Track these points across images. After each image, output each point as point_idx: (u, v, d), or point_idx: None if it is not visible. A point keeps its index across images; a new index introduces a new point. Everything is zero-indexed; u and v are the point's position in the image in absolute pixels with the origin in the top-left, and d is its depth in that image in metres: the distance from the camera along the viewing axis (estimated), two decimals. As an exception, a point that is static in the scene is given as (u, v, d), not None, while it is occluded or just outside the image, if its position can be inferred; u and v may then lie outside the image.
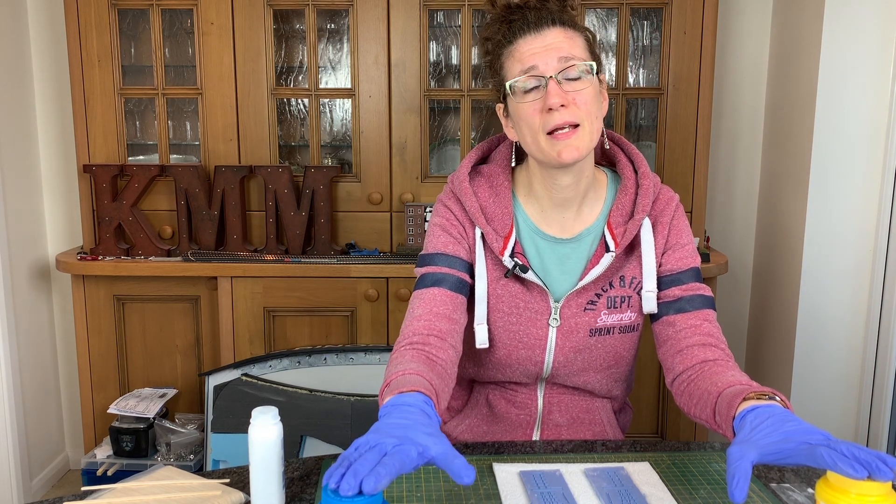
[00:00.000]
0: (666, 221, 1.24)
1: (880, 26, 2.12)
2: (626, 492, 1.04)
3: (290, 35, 2.55)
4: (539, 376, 1.28)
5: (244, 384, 2.24)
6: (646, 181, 1.23)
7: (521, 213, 1.26)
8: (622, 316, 1.24)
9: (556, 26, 1.15)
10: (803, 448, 0.84)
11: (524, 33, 1.15)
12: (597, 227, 1.24)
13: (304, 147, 2.58)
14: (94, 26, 2.38)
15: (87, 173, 2.42)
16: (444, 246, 1.24)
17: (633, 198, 1.23)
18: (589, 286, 1.22)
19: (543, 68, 1.12)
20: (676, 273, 1.23)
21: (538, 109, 1.13)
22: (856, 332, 2.26)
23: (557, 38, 1.14)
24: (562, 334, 1.24)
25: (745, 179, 2.71)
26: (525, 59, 1.14)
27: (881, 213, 2.18)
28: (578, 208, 1.24)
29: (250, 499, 0.98)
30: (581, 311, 1.23)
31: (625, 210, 1.23)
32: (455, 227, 1.25)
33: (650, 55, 2.52)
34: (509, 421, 1.31)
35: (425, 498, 1.03)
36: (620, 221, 1.22)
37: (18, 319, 2.54)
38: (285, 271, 2.34)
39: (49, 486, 2.74)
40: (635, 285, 1.24)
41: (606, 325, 1.24)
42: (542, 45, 1.13)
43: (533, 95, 1.14)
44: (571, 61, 1.13)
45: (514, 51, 1.16)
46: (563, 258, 1.24)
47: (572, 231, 1.24)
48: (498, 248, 1.21)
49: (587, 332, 1.23)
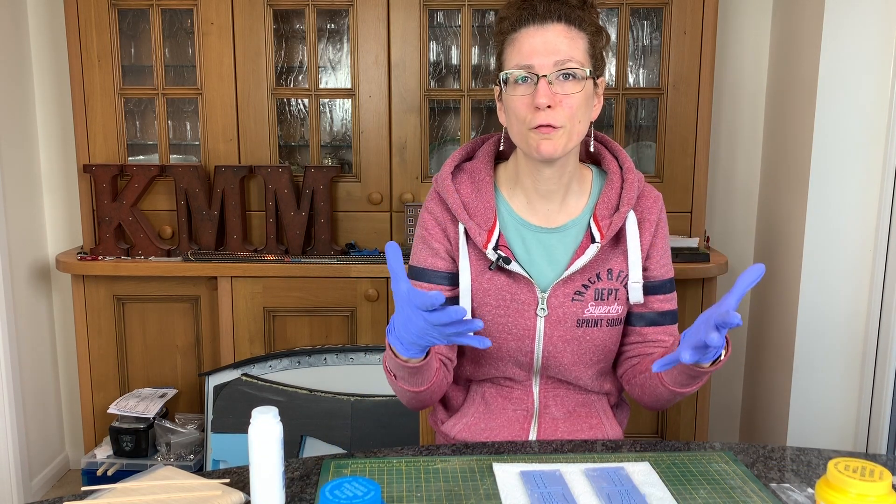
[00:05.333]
0: (653, 220, 1.28)
1: (880, 26, 2.12)
2: (626, 492, 1.04)
3: (290, 35, 2.55)
4: (532, 368, 1.29)
5: (244, 384, 2.24)
6: (630, 175, 1.27)
7: (505, 206, 1.28)
8: (609, 308, 1.27)
9: (561, 23, 1.16)
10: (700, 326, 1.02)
11: (528, 24, 1.17)
12: (582, 220, 1.27)
13: (304, 147, 2.58)
14: (94, 26, 2.38)
15: (87, 173, 2.42)
16: (424, 260, 1.29)
17: (618, 192, 1.27)
18: (575, 277, 1.25)
19: (538, 67, 1.15)
20: (661, 280, 1.30)
21: (527, 104, 1.16)
22: (856, 332, 2.26)
23: (559, 37, 1.16)
24: (550, 324, 1.26)
25: (745, 179, 2.71)
26: (523, 54, 1.16)
27: (881, 213, 2.18)
28: (563, 200, 1.27)
29: (250, 499, 0.98)
30: (568, 301, 1.25)
31: (610, 203, 1.26)
32: (435, 237, 1.28)
33: (650, 55, 2.52)
34: (506, 416, 1.32)
35: (425, 498, 1.03)
36: (606, 214, 1.26)
37: (18, 319, 2.54)
38: (285, 271, 2.34)
39: (49, 486, 2.74)
40: (622, 278, 1.27)
41: (594, 316, 1.26)
42: (543, 42, 1.15)
43: (524, 90, 1.16)
44: (567, 64, 1.15)
45: (515, 40, 1.18)
46: (549, 249, 1.27)
47: (557, 222, 1.27)
48: (481, 242, 1.23)
49: (574, 322, 1.26)
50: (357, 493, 0.83)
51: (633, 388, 1.31)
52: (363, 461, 1.14)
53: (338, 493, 0.84)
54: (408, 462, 1.14)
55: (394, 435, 2.19)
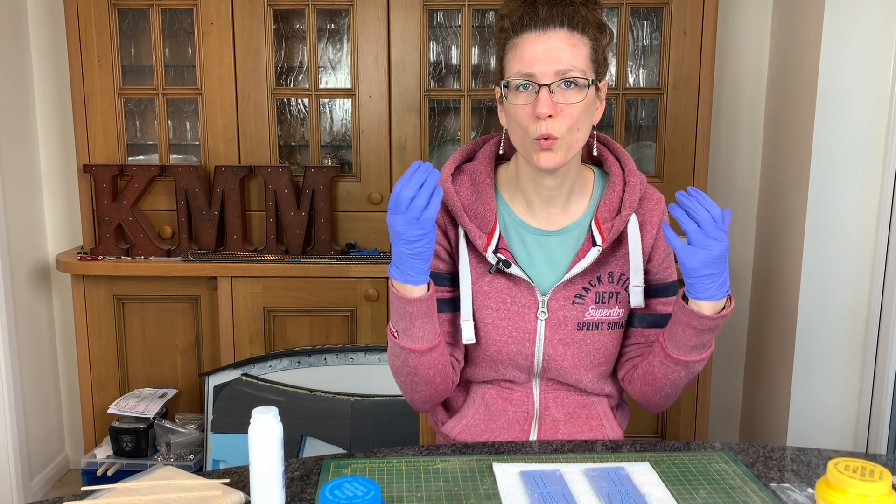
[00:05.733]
0: (655, 223, 1.27)
1: (880, 26, 2.12)
2: (626, 492, 1.04)
3: (290, 35, 2.55)
4: (532, 371, 1.29)
5: (244, 384, 2.24)
6: (632, 178, 1.26)
7: (506, 209, 1.28)
8: (610, 312, 1.26)
9: (563, 28, 1.14)
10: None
11: (530, 29, 1.15)
12: (583, 222, 1.27)
13: (304, 147, 2.58)
14: (94, 26, 2.38)
15: (87, 173, 2.42)
16: None
17: (620, 194, 1.26)
18: (576, 280, 1.24)
19: (540, 76, 1.13)
20: (664, 283, 1.29)
21: (528, 113, 1.15)
22: (856, 332, 2.26)
23: (561, 44, 1.14)
24: (550, 327, 1.25)
25: (745, 179, 2.71)
26: (525, 62, 1.14)
27: (881, 213, 2.18)
28: (564, 204, 1.26)
29: (250, 499, 0.98)
30: (569, 304, 1.25)
31: (612, 206, 1.25)
32: (436, 239, 1.26)
33: (650, 55, 2.52)
34: (507, 418, 1.32)
35: (425, 498, 1.03)
36: (608, 217, 1.25)
37: (18, 319, 2.54)
38: (285, 271, 2.34)
39: (49, 486, 2.74)
40: (623, 281, 1.27)
41: (594, 319, 1.26)
42: (544, 49, 1.14)
43: (525, 98, 1.15)
44: (569, 73, 1.13)
45: (517, 45, 1.16)
46: (549, 251, 1.26)
47: (558, 224, 1.27)
48: (481, 245, 1.22)
49: (575, 325, 1.25)
50: (357, 493, 0.83)
51: (636, 385, 1.30)
52: (363, 461, 1.14)
53: (338, 493, 0.84)
54: (408, 462, 1.14)
55: (394, 435, 2.19)
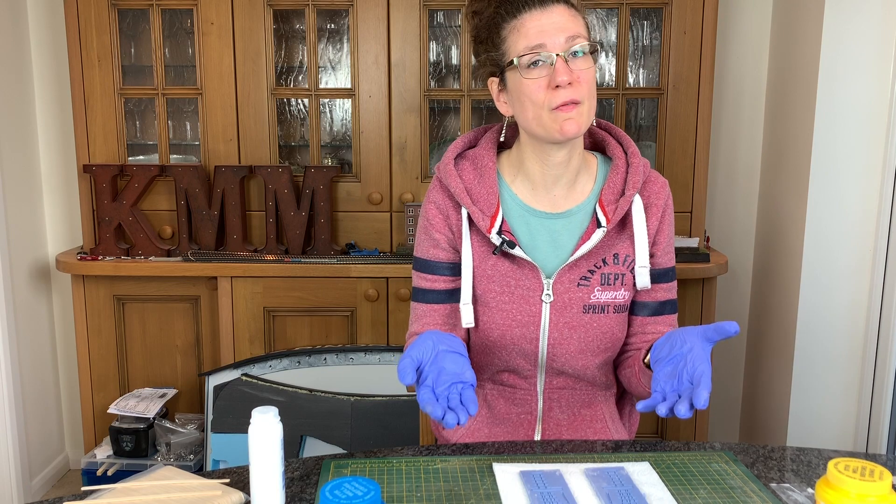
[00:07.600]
0: (660, 206, 1.27)
1: (880, 25, 2.12)
2: (626, 492, 1.04)
3: (290, 35, 2.55)
4: (537, 360, 1.28)
5: (244, 384, 2.24)
6: (635, 160, 1.26)
7: (509, 193, 1.27)
8: (616, 294, 1.26)
9: (561, 4, 1.17)
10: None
11: (530, 8, 1.16)
12: (587, 205, 1.27)
13: (304, 147, 2.58)
14: (94, 26, 2.38)
15: (87, 173, 2.42)
16: (427, 251, 1.29)
17: (623, 177, 1.26)
18: (581, 262, 1.24)
19: (551, 46, 1.14)
20: (664, 268, 1.29)
21: (543, 86, 1.15)
22: (856, 332, 2.26)
23: (563, 17, 1.16)
24: (555, 310, 1.25)
25: (745, 179, 2.71)
26: (532, 36, 1.15)
27: (881, 213, 2.18)
28: (570, 185, 1.26)
29: (250, 499, 0.98)
30: (574, 287, 1.24)
31: (616, 188, 1.25)
32: (436, 226, 1.28)
33: (650, 55, 2.52)
34: (510, 421, 1.31)
35: (425, 498, 1.03)
36: (612, 199, 1.24)
37: (18, 319, 2.54)
38: (285, 271, 2.34)
39: (49, 486, 2.74)
40: (629, 263, 1.26)
41: (601, 302, 1.25)
42: (550, 23, 1.15)
43: (538, 72, 1.15)
44: (578, 39, 1.15)
45: (519, 26, 1.17)
46: (554, 234, 1.26)
47: (562, 207, 1.27)
48: (485, 227, 1.22)
49: (581, 308, 1.25)
50: (357, 493, 0.83)
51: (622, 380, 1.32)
52: (363, 461, 1.14)
53: (338, 493, 0.83)
54: (408, 462, 1.14)
55: (394, 435, 2.19)
